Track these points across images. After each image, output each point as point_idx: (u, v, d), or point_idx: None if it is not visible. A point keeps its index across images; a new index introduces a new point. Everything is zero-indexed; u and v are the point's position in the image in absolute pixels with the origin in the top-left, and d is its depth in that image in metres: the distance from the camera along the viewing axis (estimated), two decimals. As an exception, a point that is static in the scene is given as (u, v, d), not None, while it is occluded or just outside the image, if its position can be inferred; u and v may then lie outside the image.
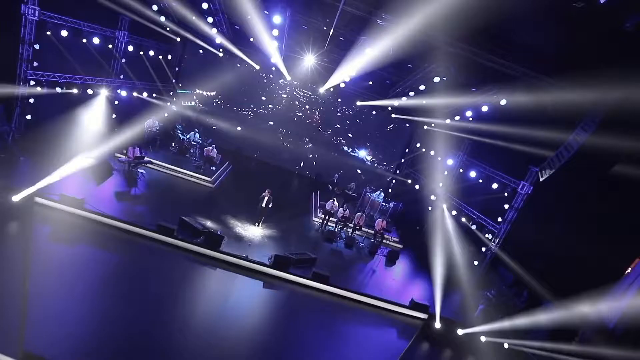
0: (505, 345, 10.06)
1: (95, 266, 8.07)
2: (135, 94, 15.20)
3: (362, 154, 20.94)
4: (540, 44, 8.62)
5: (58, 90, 11.87)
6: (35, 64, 10.92)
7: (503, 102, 10.70)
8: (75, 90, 12.40)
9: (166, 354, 6.35)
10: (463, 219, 13.77)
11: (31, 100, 11.36)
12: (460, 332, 9.87)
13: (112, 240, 8.89)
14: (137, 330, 6.62)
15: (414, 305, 10.20)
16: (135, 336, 6.48)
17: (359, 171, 18.08)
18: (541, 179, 10.20)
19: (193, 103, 19.03)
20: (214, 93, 19.87)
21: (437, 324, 9.85)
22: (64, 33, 11.54)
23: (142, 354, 6.20)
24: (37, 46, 10.78)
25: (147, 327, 6.76)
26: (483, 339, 9.95)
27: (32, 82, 11.04)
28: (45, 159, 10.45)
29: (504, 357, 9.93)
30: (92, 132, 12.43)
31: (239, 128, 18.27)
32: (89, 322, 6.51)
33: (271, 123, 19.59)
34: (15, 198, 8.60)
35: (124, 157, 12.05)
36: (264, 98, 19.59)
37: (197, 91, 19.38)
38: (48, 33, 11.10)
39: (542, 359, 9.84)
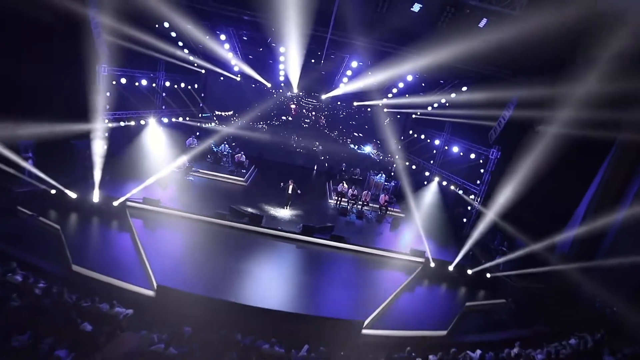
0: (488, 275, 12.93)
1: (177, 240, 11.51)
2: (173, 119, 18.81)
3: (367, 149, 23.94)
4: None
5: (121, 124, 15.47)
6: (107, 107, 14.52)
7: (464, 88, 13.70)
8: (132, 123, 16.00)
9: (238, 289, 9.58)
10: (452, 187, 16.68)
11: (106, 134, 14.96)
12: (450, 268, 12.82)
13: (184, 225, 12.27)
14: (217, 274, 9.88)
15: (413, 252, 13.18)
16: (218, 277, 9.75)
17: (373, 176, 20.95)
18: (490, 142, 13.20)
19: (213, 124, 22.50)
20: (231, 112, 23.39)
21: (432, 264, 12.83)
22: (123, 81, 15.15)
23: (224, 286, 9.43)
24: (107, 94, 14.39)
25: (223, 272, 10.01)
26: (469, 272, 12.84)
27: (106, 121, 14.63)
28: (122, 176, 14.09)
29: (486, 284, 12.82)
30: (151, 152, 15.98)
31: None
32: (187, 268, 9.87)
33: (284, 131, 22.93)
34: (115, 203, 12.16)
35: (177, 168, 15.53)
36: (275, 111, 22.96)
37: (217, 112, 22.90)
38: (113, 82, 14.71)
39: (515, 280, 12.71)
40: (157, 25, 14.07)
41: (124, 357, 6.90)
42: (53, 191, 11.79)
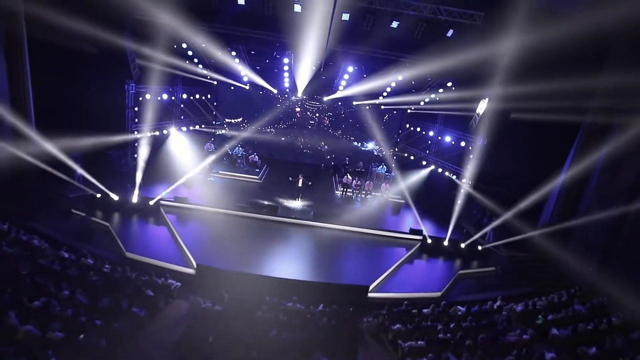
0: (479, 248, 14.59)
1: (207, 230, 13.44)
2: (191, 127, 20.81)
3: (370, 146, 25.59)
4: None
5: (148, 134, 17.48)
6: (136, 120, 16.55)
7: (449, 84, 15.39)
8: (157, 133, 18.02)
9: (263, 264, 11.45)
10: (446, 173, 18.37)
11: (136, 145, 17.01)
12: (445, 243, 14.51)
13: (210, 218, 14.17)
14: (244, 255, 11.75)
15: (412, 231, 14.91)
16: (246, 256, 11.62)
17: (374, 167, 22.56)
18: (471, 131, 14.93)
19: (224, 131, 24.37)
20: (240, 119, 25.26)
21: (429, 241, 14.53)
22: (148, 96, 17.15)
23: (251, 263, 11.26)
24: (136, 109, 16.41)
25: (249, 253, 11.89)
26: (462, 245, 14.51)
27: (135, 133, 16.66)
28: (154, 179, 16.10)
29: (478, 255, 14.47)
30: (175, 158, 17.99)
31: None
32: (220, 251, 11.75)
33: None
34: (151, 202, 14.14)
35: (201, 170, 17.49)
36: (282, 115, 24.84)
37: (227, 120, 24.81)
38: (140, 98, 16.72)
39: (501, 249, 14.38)
40: (175, 46, 16.03)
41: (181, 317, 8.90)
42: (99, 195, 13.81)
